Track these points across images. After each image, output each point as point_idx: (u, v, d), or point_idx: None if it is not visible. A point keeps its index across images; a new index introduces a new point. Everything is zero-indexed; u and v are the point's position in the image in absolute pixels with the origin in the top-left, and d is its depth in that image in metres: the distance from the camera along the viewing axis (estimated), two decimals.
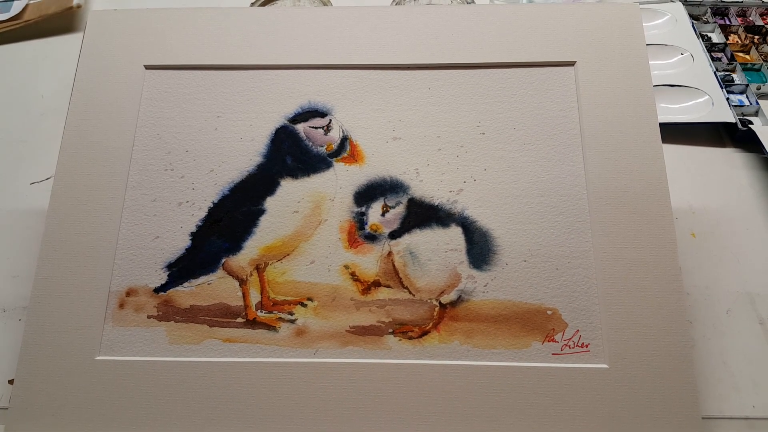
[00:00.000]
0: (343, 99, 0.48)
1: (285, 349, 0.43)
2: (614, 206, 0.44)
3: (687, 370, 0.41)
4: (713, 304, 0.50)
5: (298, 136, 0.47)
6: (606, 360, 0.42)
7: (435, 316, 0.43)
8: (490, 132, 0.47)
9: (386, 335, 0.43)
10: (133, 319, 0.44)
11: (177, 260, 0.45)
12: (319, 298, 0.44)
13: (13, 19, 0.73)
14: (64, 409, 0.42)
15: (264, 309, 0.44)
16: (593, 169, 0.45)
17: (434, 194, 0.46)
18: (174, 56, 0.50)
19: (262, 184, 0.46)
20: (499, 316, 0.43)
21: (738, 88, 0.66)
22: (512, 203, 0.45)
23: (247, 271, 0.45)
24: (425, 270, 0.44)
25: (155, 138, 0.48)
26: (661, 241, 0.43)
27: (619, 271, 0.43)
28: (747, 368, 0.46)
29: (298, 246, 0.45)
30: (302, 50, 0.49)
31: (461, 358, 0.42)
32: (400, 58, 0.49)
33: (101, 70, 0.49)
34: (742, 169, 0.59)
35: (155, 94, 0.49)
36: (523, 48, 0.49)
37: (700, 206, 0.56)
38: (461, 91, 0.48)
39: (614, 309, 0.42)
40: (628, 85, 0.47)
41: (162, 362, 0.42)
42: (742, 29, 0.73)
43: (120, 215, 0.46)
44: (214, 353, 0.43)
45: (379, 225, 0.45)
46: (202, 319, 0.44)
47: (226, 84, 0.49)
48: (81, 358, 0.43)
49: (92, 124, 0.48)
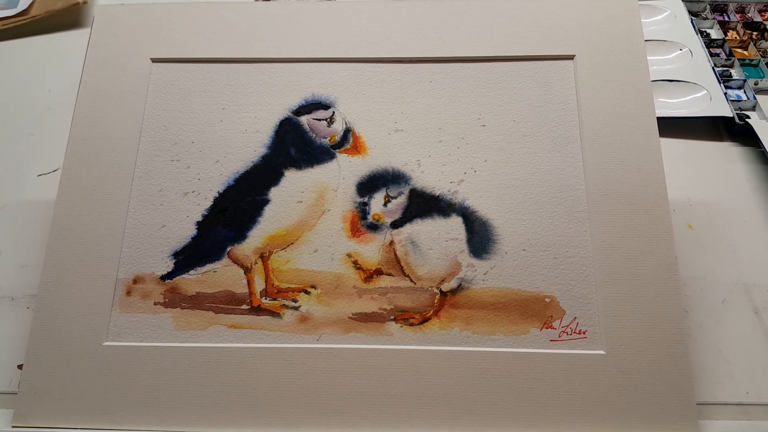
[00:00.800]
0: (346, 92, 0.49)
1: (289, 336, 0.44)
2: (612, 197, 0.45)
3: (682, 357, 0.42)
4: (709, 294, 0.51)
5: (301, 127, 0.48)
6: (603, 346, 0.42)
7: (436, 303, 0.44)
8: (490, 124, 0.48)
9: (388, 322, 0.44)
10: (140, 305, 0.45)
11: (183, 249, 0.46)
12: (322, 286, 0.45)
13: (20, 15, 0.74)
14: (72, 393, 0.43)
15: (268, 296, 0.45)
16: (591, 161, 0.46)
17: (435, 185, 0.47)
18: (180, 50, 0.50)
19: (266, 175, 0.47)
20: (499, 304, 0.44)
21: (736, 83, 0.67)
22: (512, 194, 0.46)
23: (251, 260, 0.45)
24: (426, 259, 0.45)
25: (162, 129, 0.49)
26: (658, 231, 0.44)
27: (616, 261, 0.44)
28: (741, 356, 0.47)
29: (302, 235, 0.46)
30: (306, 44, 0.50)
31: (461, 344, 0.43)
32: (402, 52, 0.50)
33: (108, 63, 0.50)
34: (739, 163, 0.60)
35: (162, 86, 0.50)
36: (524, 42, 0.49)
37: (697, 199, 0.57)
38: (462, 84, 0.49)
39: (611, 297, 0.43)
40: (626, 79, 0.48)
41: (168, 348, 0.43)
42: (740, 25, 0.74)
43: (127, 205, 0.47)
44: (220, 339, 0.44)
45: (381, 215, 0.46)
46: (208, 305, 0.44)
47: (231, 77, 0.50)
48: (89, 343, 0.43)
49: (100, 116, 0.49)
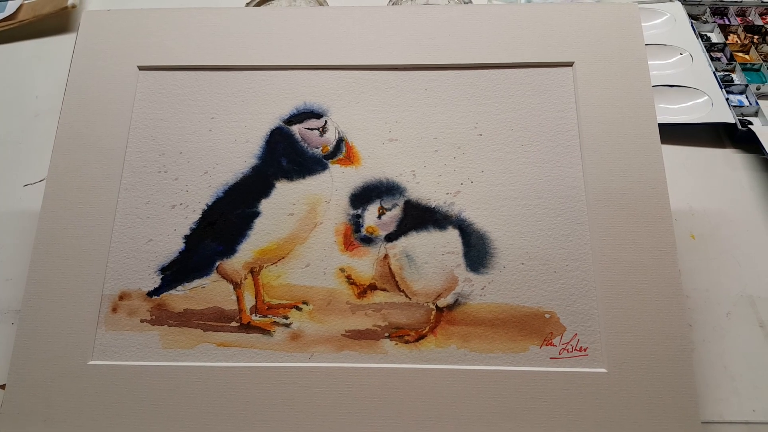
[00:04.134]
0: (339, 100, 0.48)
1: (280, 354, 0.42)
2: (613, 208, 0.44)
3: (687, 374, 0.40)
4: (713, 307, 0.49)
5: (293, 137, 0.47)
6: (605, 364, 0.41)
7: (432, 319, 0.43)
8: (487, 133, 0.47)
9: (382, 339, 0.42)
10: (127, 323, 0.43)
11: (170, 263, 0.44)
12: (314, 302, 0.43)
13: (7, 19, 0.73)
14: (56, 414, 0.41)
15: (258, 313, 0.43)
16: (592, 170, 0.45)
17: (431, 196, 0.45)
18: (168, 57, 0.49)
19: (256, 187, 0.46)
20: (497, 320, 0.43)
21: (737, 88, 0.66)
22: (510, 205, 0.45)
23: (241, 275, 0.44)
24: (422, 273, 0.44)
25: (149, 139, 0.47)
26: (661, 243, 0.43)
27: (617, 274, 0.43)
28: (747, 372, 0.46)
29: (293, 249, 0.44)
30: (297, 51, 0.49)
31: (458, 362, 0.42)
32: (396, 59, 0.48)
33: (94, 70, 0.49)
34: (742, 170, 0.59)
35: (149, 95, 0.48)
36: (521, 48, 0.48)
37: (699, 208, 0.56)
38: (458, 92, 0.48)
39: (613, 312, 0.42)
40: (626, 86, 0.47)
41: (155, 367, 0.42)
42: (741, 29, 0.73)
43: (113, 218, 0.45)
44: (208, 358, 0.42)
45: (375, 227, 0.45)
46: (196, 323, 0.43)
47: (220, 85, 0.48)
48: (73, 362, 0.42)
49: (85, 125, 0.47)
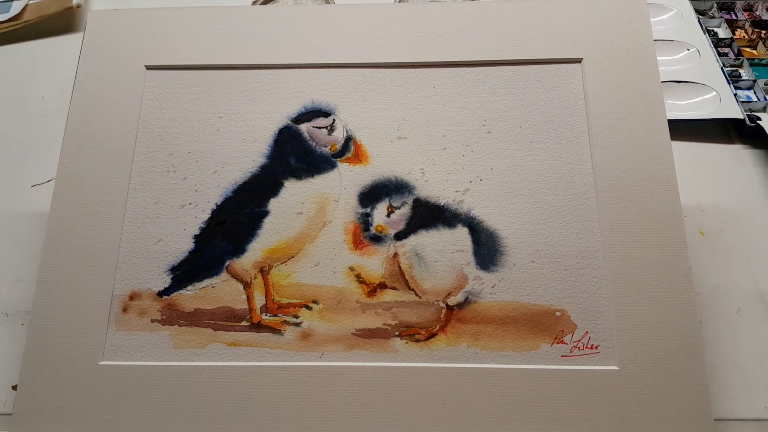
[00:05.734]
0: (347, 98, 0.48)
1: (290, 353, 0.42)
2: (623, 205, 0.44)
3: (698, 371, 0.40)
4: (723, 304, 0.49)
5: (301, 136, 0.47)
6: (616, 362, 0.41)
7: (442, 318, 0.43)
8: (496, 131, 0.46)
9: (393, 338, 0.42)
10: (137, 323, 0.43)
11: (180, 263, 0.44)
12: (324, 301, 0.43)
13: (12, 20, 0.73)
14: (67, 415, 0.41)
15: (269, 312, 0.43)
16: (601, 167, 0.45)
17: (440, 194, 0.45)
18: (175, 56, 0.49)
19: (265, 186, 0.46)
20: (507, 318, 0.42)
21: (745, 83, 0.65)
22: (519, 203, 0.45)
23: (251, 274, 0.44)
24: (431, 271, 0.43)
25: (157, 139, 0.47)
26: (671, 240, 0.43)
27: (628, 271, 0.42)
28: (759, 368, 0.46)
29: (303, 248, 0.44)
30: (305, 49, 0.49)
31: (469, 360, 0.42)
32: (404, 57, 0.48)
33: (102, 70, 0.49)
34: (751, 166, 0.58)
35: (157, 94, 0.48)
36: (529, 45, 0.48)
37: (708, 204, 0.55)
38: (466, 89, 0.47)
39: (624, 310, 0.42)
40: (636, 82, 0.46)
41: (166, 367, 0.42)
42: (748, 24, 0.72)
43: (122, 218, 0.45)
44: (219, 357, 0.42)
45: (385, 226, 0.44)
46: (207, 322, 0.43)
47: (228, 84, 0.48)
48: (84, 363, 0.42)
49: (93, 125, 0.47)
